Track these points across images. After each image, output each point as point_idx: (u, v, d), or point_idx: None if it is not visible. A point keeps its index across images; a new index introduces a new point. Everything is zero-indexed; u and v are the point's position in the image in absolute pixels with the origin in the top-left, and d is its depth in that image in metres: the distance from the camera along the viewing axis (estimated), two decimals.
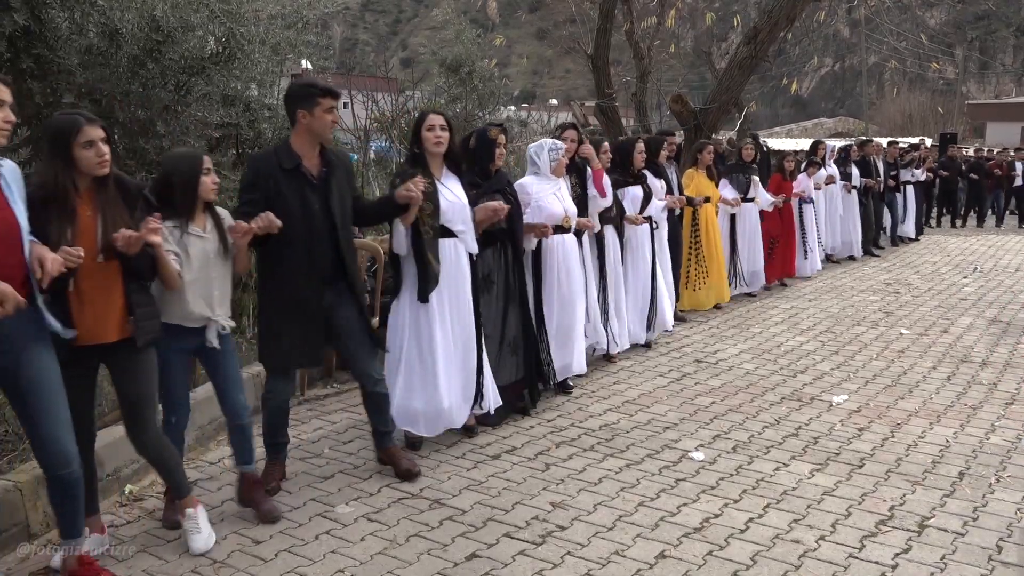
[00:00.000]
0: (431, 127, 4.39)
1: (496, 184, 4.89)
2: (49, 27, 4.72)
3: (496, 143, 4.85)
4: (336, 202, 3.85)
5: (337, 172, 3.89)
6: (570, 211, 5.43)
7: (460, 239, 4.49)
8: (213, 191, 3.55)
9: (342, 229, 3.88)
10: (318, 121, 3.75)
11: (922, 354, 6.68)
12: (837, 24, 32.61)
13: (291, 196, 3.74)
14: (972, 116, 35.40)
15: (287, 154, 3.78)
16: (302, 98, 3.75)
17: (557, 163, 5.35)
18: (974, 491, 4.09)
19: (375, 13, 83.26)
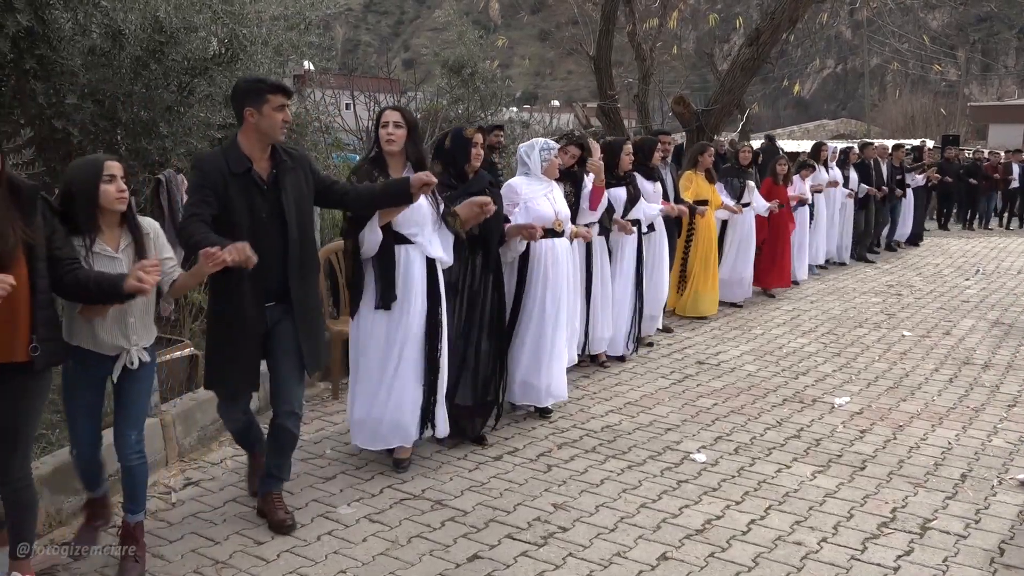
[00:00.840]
0: (384, 124, 4.14)
1: (474, 186, 4.51)
2: (52, 28, 4.73)
3: (472, 143, 4.51)
4: (291, 207, 3.46)
5: (290, 174, 3.50)
6: (561, 214, 5.12)
7: (416, 245, 4.17)
8: (119, 201, 3.04)
9: (296, 239, 3.48)
10: (267, 120, 3.40)
11: (924, 356, 6.68)
12: (839, 26, 32.64)
13: (239, 203, 3.37)
14: (974, 118, 35.33)
15: (236, 156, 3.41)
16: (249, 95, 3.41)
17: (549, 163, 5.07)
18: (976, 493, 4.08)
19: (377, 14, 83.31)
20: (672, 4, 13.35)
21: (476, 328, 4.58)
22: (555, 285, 5.05)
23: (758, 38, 11.01)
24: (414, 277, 4.16)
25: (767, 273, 9.05)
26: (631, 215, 6.34)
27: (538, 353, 5.00)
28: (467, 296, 4.56)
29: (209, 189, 3.34)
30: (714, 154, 8.47)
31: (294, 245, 3.47)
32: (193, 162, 3.61)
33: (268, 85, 3.42)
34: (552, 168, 5.11)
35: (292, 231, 3.46)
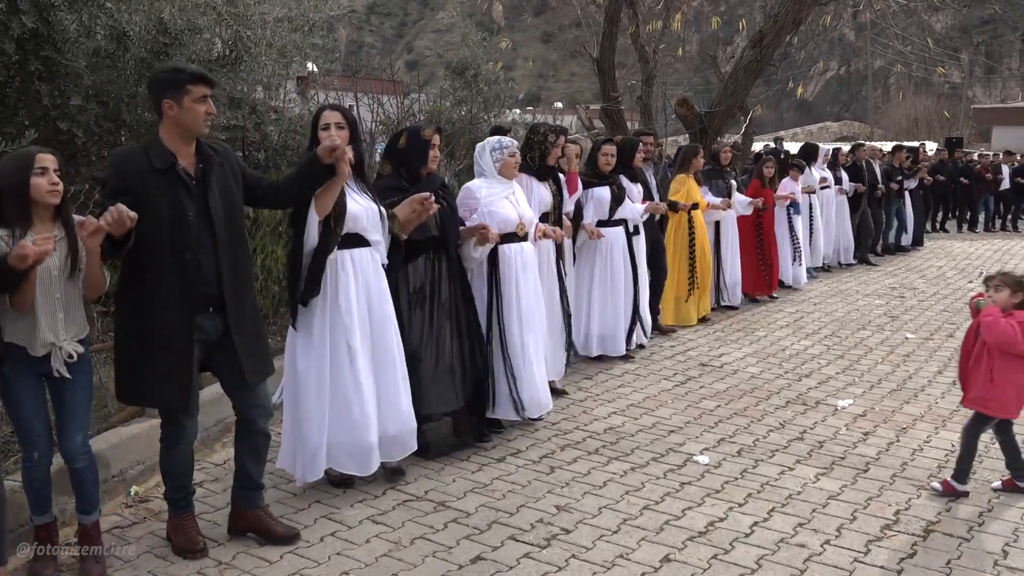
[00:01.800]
0: (325, 125, 3.83)
1: (426, 188, 4.29)
2: (57, 29, 4.74)
3: (431, 144, 4.32)
4: (218, 205, 3.23)
5: (216, 168, 3.28)
6: (525, 217, 4.84)
7: (375, 249, 3.98)
8: (51, 194, 2.97)
9: (226, 238, 3.25)
10: (188, 113, 3.15)
11: (927, 358, 6.67)
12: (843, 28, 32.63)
13: (162, 202, 3.13)
14: (978, 120, 35.28)
15: (158, 151, 3.17)
16: (167, 84, 3.16)
17: (502, 163, 4.76)
18: (979, 496, 4.08)
19: (381, 16, 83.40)
20: (675, 6, 13.33)
21: (449, 335, 4.43)
22: (526, 292, 4.84)
23: (761, 40, 11.01)
24: (380, 282, 4.00)
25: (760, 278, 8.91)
26: (618, 214, 6.32)
27: (519, 364, 4.78)
28: (437, 302, 4.39)
29: (124, 194, 3.07)
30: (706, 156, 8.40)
31: (223, 246, 3.24)
32: (110, 158, 3.37)
33: (188, 75, 3.18)
34: (507, 168, 4.80)
35: (220, 231, 3.23)
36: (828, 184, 10.58)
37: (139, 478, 4.03)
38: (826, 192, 10.65)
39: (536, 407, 4.89)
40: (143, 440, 4.06)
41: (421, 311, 4.35)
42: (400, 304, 4.26)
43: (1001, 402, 3.99)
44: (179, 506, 3.47)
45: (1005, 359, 3.94)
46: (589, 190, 6.22)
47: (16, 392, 3.08)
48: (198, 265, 3.19)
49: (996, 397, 3.99)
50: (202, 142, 3.30)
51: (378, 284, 4.00)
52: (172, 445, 3.39)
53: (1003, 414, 4.03)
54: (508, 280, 4.77)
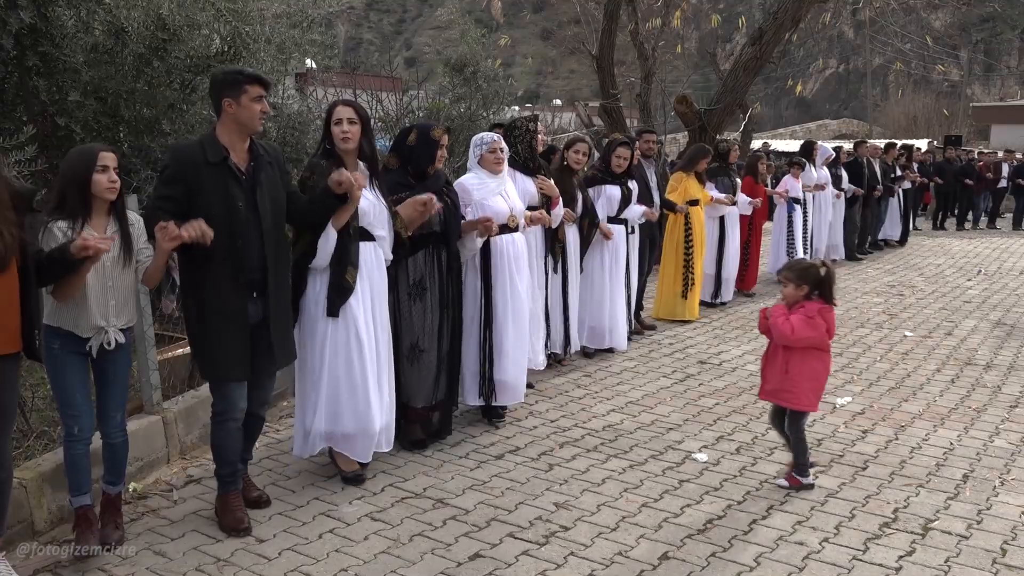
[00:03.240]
0: (338, 120, 3.94)
1: (432, 185, 4.41)
2: (55, 25, 4.73)
3: (439, 145, 4.39)
4: (265, 200, 3.48)
5: (266, 167, 3.54)
6: (516, 209, 4.94)
7: (379, 244, 4.08)
8: (110, 190, 3.18)
9: (272, 230, 3.50)
10: (245, 111, 3.42)
11: (926, 356, 6.67)
12: (842, 26, 32.62)
13: (215, 193, 3.37)
14: (977, 118, 35.30)
15: (213, 146, 3.42)
16: (228, 85, 3.42)
17: (480, 157, 4.86)
18: (978, 494, 4.08)
19: (379, 12, 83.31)
20: (675, 3, 13.34)
21: (447, 328, 4.53)
22: (520, 282, 4.96)
23: (761, 38, 11.00)
24: (383, 276, 4.11)
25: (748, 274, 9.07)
26: (624, 214, 6.49)
27: (515, 353, 4.90)
28: (438, 296, 4.48)
29: (180, 183, 3.35)
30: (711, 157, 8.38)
31: (269, 237, 3.48)
32: (169, 150, 3.59)
33: (246, 76, 3.44)
34: (486, 163, 4.88)
35: (267, 222, 3.47)
36: (824, 186, 10.55)
37: (137, 475, 4.02)
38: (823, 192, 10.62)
39: (509, 394, 4.96)
40: (141, 437, 4.06)
41: (421, 303, 4.42)
42: (399, 296, 4.36)
43: (795, 393, 4.05)
44: (226, 484, 3.67)
45: (800, 352, 4.02)
46: (601, 187, 6.41)
47: (62, 367, 3.25)
48: (247, 252, 3.43)
49: (790, 389, 4.05)
50: (256, 142, 3.55)
51: (380, 279, 4.09)
52: (223, 421, 3.59)
53: (797, 405, 4.08)
54: (501, 270, 4.86)
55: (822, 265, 4.06)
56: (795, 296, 4.04)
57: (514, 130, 5.44)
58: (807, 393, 4.05)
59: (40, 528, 3.51)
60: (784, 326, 3.98)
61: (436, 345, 4.49)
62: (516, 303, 4.88)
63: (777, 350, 4.10)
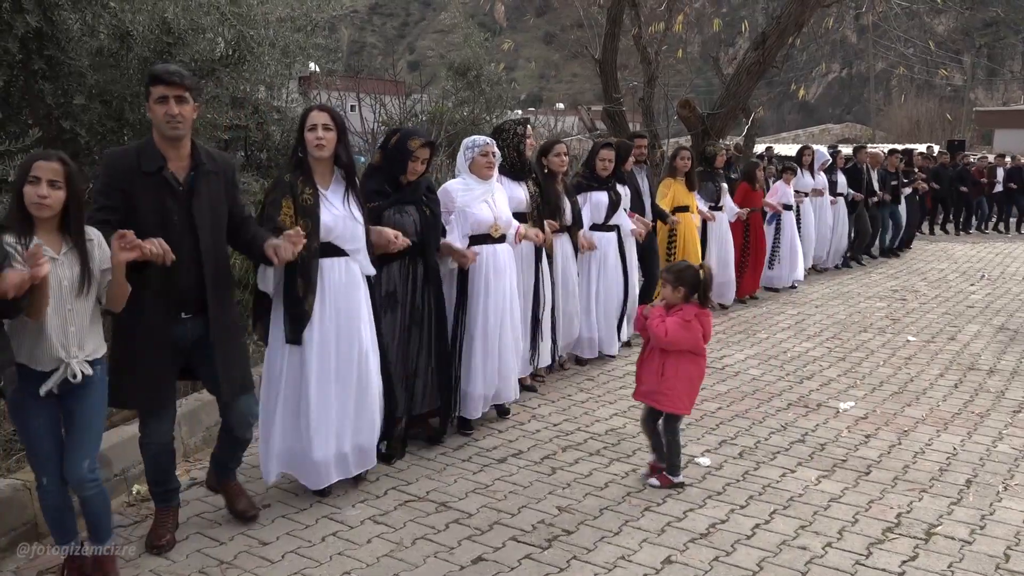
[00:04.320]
0: (312, 127, 3.70)
1: (410, 195, 4.29)
2: (61, 28, 4.74)
3: (412, 155, 4.22)
4: (204, 214, 3.21)
5: (209, 178, 3.25)
6: (501, 218, 4.77)
7: (352, 258, 3.85)
8: (37, 206, 2.77)
9: (211, 247, 3.24)
10: (153, 115, 3.14)
11: (929, 361, 6.66)
12: (845, 30, 32.62)
13: (148, 205, 3.13)
14: (980, 123, 35.32)
15: (149, 153, 3.16)
16: (146, 84, 3.16)
17: (471, 161, 4.72)
18: (981, 499, 4.07)
19: (383, 16, 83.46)
20: (677, 8, 13.33)
21: (418, 341, 4.41)
22: (497, 294, 4.78)
23: (764, 42, 11.01)
24: (355, 292, 3.86)
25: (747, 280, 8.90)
26: (613, 220, 6.27)
27: (492, 356, 4.79)
28: (409, 309, 4.35)
29: (115, 192, 3.13)
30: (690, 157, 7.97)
31: (208, 255, 3.23)
32: (103, 158, 3.32)
33: (148, 76, 3.19)
34: (477, 167, 4.73)
35: (205, 239, 3.21)
36: (822, 191, 10.45)
37: (140, 477, 4.02)
38: (819, 198, 10.51)
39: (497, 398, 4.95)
40: None
41: (392, 315, 4.30)
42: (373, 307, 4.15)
43: (671, 397, 4.04)
44: (155, 498, 3.55)
45: (675, 355, 4.01)
46: (587, 194, 6.16)
47: (24, 409, 2.91)
48: (180, 271, 3.15)
49: (666, 392, 4.04)
50: (199, 148, 3.27)
51: (350, 295, 3.85)
52: (144, 446, 3.44)
53: (672, 408, 4.07)
54: (477, 282, 4.71)
55: (700, 267, 4.04)
56: (673, 298, 4.01)
57: (502, 133, 5.25)
58: (682, 396, 4.05)
59: (44, 530, 3.51)
60: (658, 328, 3.96)
61: (402, 358, 4.36)
62: (488, 317, 4.74)
63: (654, 352, 4.08)
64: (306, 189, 3.69)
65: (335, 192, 3.82)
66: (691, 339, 3.99)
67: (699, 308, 4.00)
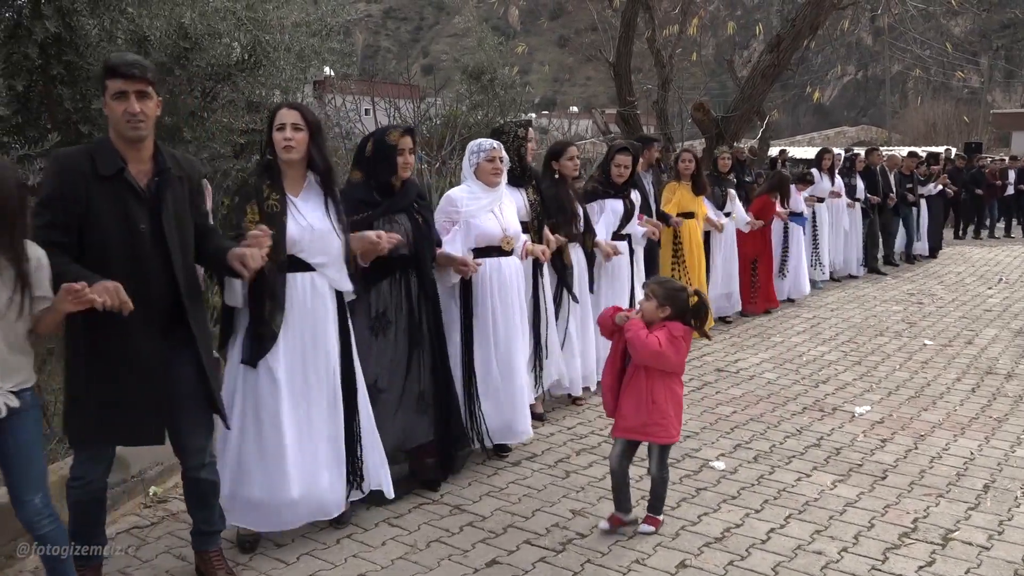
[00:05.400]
0: (280, 126, 3.33)
1: (400, 202, 3.89)
2: (79, 34, 4.79)
3: (399, 149, 3.81)
4: (170, 224, 2.85)
5: (174, 184, 2.89)
6: (510, 230, 4.42)
7: (321, 273, 3.45)
8: None
9: (180, 261, 2.88)
10: (110, 113, 2.79)
11: (946, 365, 6.62)
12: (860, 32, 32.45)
13: (110, 214, 2.75)
14: (997, 125, 35.00)
15: (106, 155, 2.78)
16: (100, 79, 2.80)
17: (476, 167, 4.36)
18: (999, 504, 4.04)
19: (397, 20, 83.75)
20: (692, 11, 13.32)
21: (419, 364, 3.99)
22: (505, 311, 4.41)
23: (779, 45, 10.98)
24: (322, 311, 3.44)
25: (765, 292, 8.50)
26: (626, 229, 5.84)
27: (492, 389, 4.40)
28: (407, 329, 3.93)
29: (66, 203, 2.73)
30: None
31: (180, 269, 2.88)
32: (50, 160, 2.94)
33: (103, 67, 2.81)
34: (483, 173, 4.36)
35: (176, 252, 2.86)
36: (840, 193, 10.20)
37: (158, 479, 4.06)
38: (837, 201, 10.27)
39: (510, 433, 4.52)
40: None
41: (384, 338, 3.87)
42: (359, 331, 3.77)
43: (664, 426, 3.54)
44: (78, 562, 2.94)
45: (663, 378, 3.52)
46: (603, 201, 5.73)
47: None
48: (156, 284, 2.83)
49: (659, 421, 3.52)
50: (162, 150, 2.92)
51: (322, 316, 3.45)
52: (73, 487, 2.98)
53: (667, 438, 3.58)
54: (483, 301, 4.37)
55: (696, 293, 3.55)
56: (652, 315, 3.50)
57: (501, 136, 4.79)
58: (674, 422, 3.57)
59: None
60: (650, 338, 3.43)
61: (402, 383, 3.95)
62: (500, 338, 4.39)
63: (637, 380, 3.54)
64: (272, 195, 3.34)
65: (307, 199, 3.44)
66: (679, 360, 3.52)
67: (687, 329, 3.51)
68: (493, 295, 4.38)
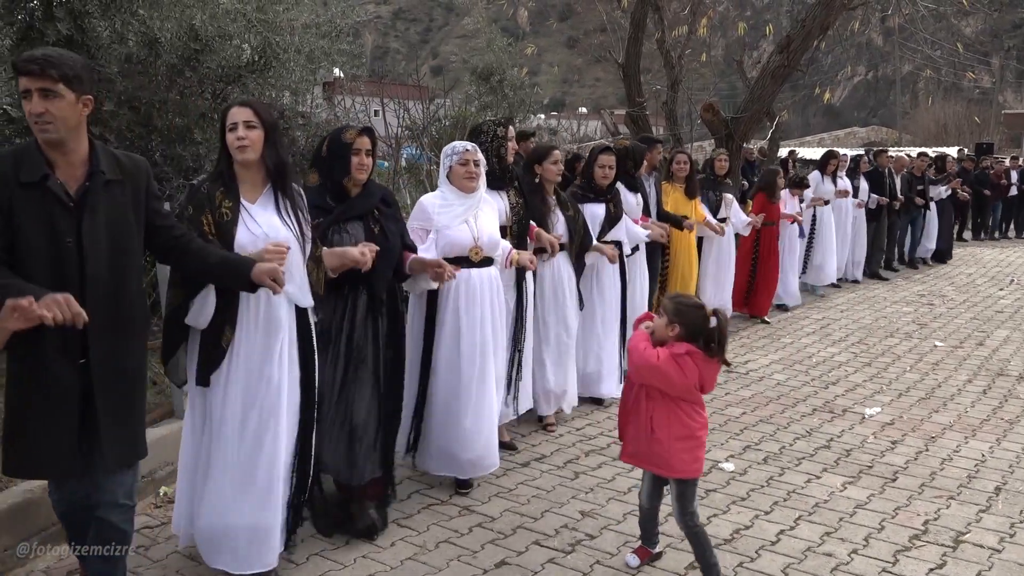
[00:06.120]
0: (232, 126, 3.03)
1: (354, 208, 3.53)
2: (91, 36, 4.83)
3: (354, 149, 3.47)
4: (97, 234, 2.56)
5: (109, 189, 2.60)
6: (483, 239, 4.05)
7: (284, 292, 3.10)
8: None
9: (100, 276, 2.58)
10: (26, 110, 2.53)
11: (957, 367, 6.59)
12: (870, 33, 32.36)
13: (34, 224, 2.49)
14: (1009, 126, 34.83)
15: (30, 159, 2.52)
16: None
17: (450, 170, 4.04)
18: (1011, 507, 4.02)
19: (406, 21, 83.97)
20: (701, 11, 13.30)
21: (360, 388, 3.60)
22: (472, 327, 4.01)
23: (788, 45, 10.94)
24: (277, 327, 3.10)
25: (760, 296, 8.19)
26: (610, 236, 5.35)
27: (455, 414, 4.00)
28: (347, 347, 3.56)
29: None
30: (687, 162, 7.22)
31: (95, 284, 2.57)
32: None
33: (15, 63, 2.55)
34: (456, 177, 4.03)
35: (94, 265, 2.56)
36: (847, 193, 9.98)
37: (167, 479, 4.07)
38: (843, 203, 10.01)
39: (473, 467, 4.08)
40: (172, 441, 4.09)
41: (323, 356, 3.46)
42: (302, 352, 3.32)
43: (664, 458, 3.14)
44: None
45: (666, 404, 3.13)
46: (580, 206, 5.22)
47: None
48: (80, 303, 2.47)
49: (657, 451, 3.15)
50: (100, 152, 2.63)
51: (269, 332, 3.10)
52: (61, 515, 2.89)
53: (670, 472, 3.18)
54: (447, 311, 4.02)
55: (715, 313, 3.12)
56: (663, 333, 3.13)
57: (480, 135, 4.44)
58: (679, 455, 3.14)
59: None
60: (648, 350, 3.09)
61: (342, 410, 3.57)
62: (463, 354, 4.00)
63: (638, 402, 3.22)
64: (225, 202, 3.03)
65: (266, 206, 3.12)
66: (684, 380, 3.08)
67: (697, 350, 3.12)
68: (458, 308, 4.01)
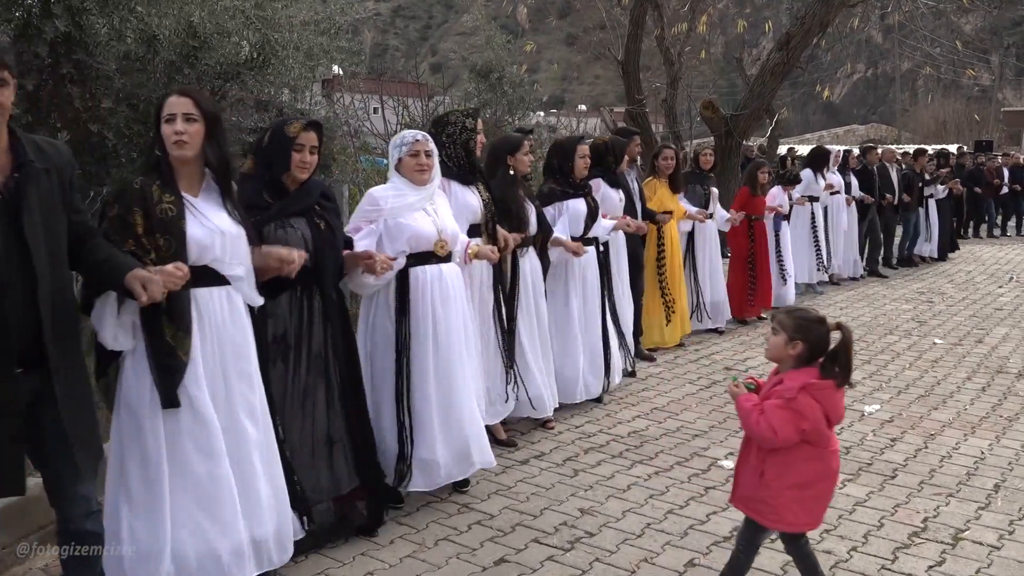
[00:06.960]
0: (169, 117, 2.78)
1: (296, 203, 3.31)
2: (89, 33, 4.81)
3: (296, 144, 3.24)
4: (35, 229, 2.38)
5: (39, 179, 2.42)
6: (447, 231, 3.85)
7: (236, 287, 2.94)
8: None
9: (47, 274, 2.41)
10: None
11: (956, 364, 6.59)
12: (870, 30, 32.33)
13: None
14: (1008, 123, 34.83)
15: None
16: None
17: (399, 162, 3.81)
18: (1010, 504, 4.02)
19: (405, 19, 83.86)
20: (701, 9, 13.30)
21: (325, 398, 3.43)
22: (449, 327, 3.84)
23: (788, 42, 10.94)
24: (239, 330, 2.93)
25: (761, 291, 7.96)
26: (591, 233, 5.28)
27: (433, 419, 3.82)
28: (307, 356, 3.37)
29: None
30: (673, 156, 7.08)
31: (45, 284, 2.40)
32: None
33: None
34: (407, 169, 3.79)
35: (41, 263, 2.39)
36: (837, 190, 9.81)
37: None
38: (835, 199, 9.83)
39: (460, 468, 3.94)
40: None
41: (284, 364, 3.31)
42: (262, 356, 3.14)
43: (774, 508, 2.86)
44: None
45: (781, 451, 2.84)
46: (560, 204, 5.15)
47: None
48: (13, 308, 2.36)
49: (767, 500, 2.87)
50: (22, 139, 2.44)
51: (235, 336, 2.93)
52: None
53: (778, 525, 2.92)
54: (419, 313, 3.79)
55: (837, 327, 2.87)
56: (781, 353, 2.90)
57: (447, 127, 4.27)
58: (790, 506, 2.84)
59: None
60: (760, 426, 2.78)
61: (307, 421, 3.39)
62: (439, 358, 3.83)
63: (749, 446, 2.98)
64: (165, 196, 2.77)
65: (207, 200, 2.91)
66: (807, 425, 2.75)
67: (817, 377, 2.81)
68: (435, 309, 3.80)
